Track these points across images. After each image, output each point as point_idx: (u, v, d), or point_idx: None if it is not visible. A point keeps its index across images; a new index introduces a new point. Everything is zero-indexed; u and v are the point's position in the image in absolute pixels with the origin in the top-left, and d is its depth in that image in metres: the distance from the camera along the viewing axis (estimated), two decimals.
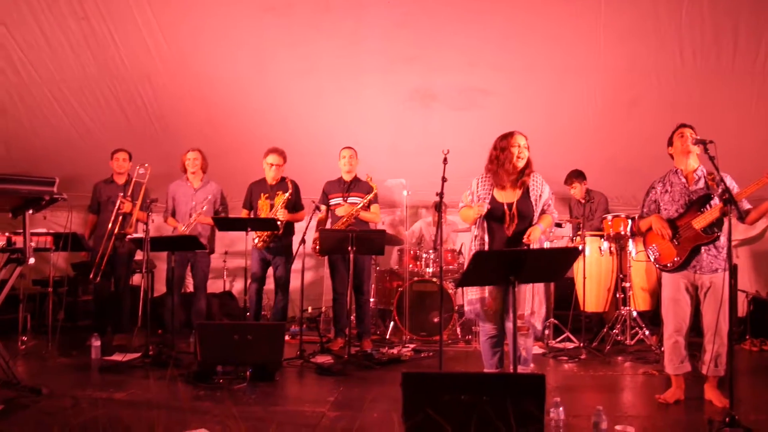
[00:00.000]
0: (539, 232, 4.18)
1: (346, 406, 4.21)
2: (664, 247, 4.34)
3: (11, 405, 3.97)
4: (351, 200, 6.28)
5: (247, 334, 4.91)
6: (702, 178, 4.28)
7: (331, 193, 6.40)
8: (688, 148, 4.24)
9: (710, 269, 4.17)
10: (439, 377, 3.39)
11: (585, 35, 6.10)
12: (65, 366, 5.50)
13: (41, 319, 6.86)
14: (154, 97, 7.04)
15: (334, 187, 6.41)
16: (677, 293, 4.29)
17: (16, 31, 6.35)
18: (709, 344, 4.15)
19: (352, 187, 6.34)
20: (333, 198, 6.37)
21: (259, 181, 6.46)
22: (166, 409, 4.01)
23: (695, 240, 4.17)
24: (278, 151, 6.32)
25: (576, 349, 6.05)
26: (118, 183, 6.54)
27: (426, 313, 6.74)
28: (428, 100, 6.90)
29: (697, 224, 4.16)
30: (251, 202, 6.43)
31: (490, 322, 4.24)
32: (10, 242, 4.38)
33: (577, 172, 6.83)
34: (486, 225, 4.26)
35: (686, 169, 4.34)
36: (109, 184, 6.57)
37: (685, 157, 4.31)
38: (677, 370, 4.32)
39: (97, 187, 6.60)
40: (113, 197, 6.40)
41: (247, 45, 6.48)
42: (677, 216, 4.31)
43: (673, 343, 4.30)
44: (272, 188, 6.35)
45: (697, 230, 4.16)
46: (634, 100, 6.68)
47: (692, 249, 4.18)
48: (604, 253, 6.46)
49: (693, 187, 4.29)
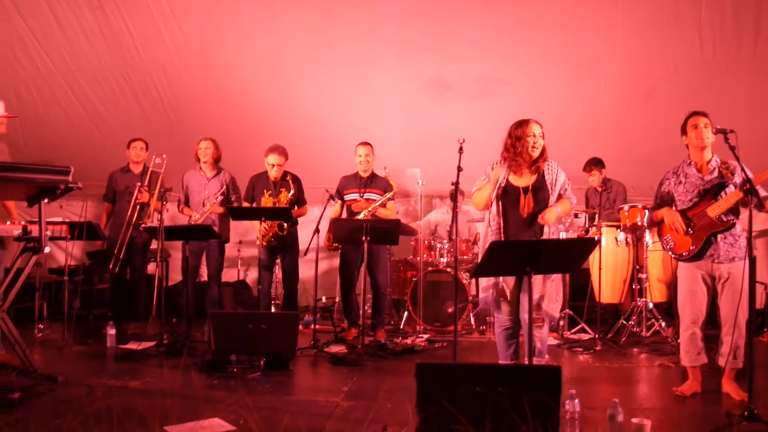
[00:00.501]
0: (554, 214, 4.12)
1: (360, 396, 4.21)
2: (679, 237, 4.26)
3: (28, 393, 4.00)
4: (367, 196, 6.23)
5: (261, 324, 4.92)
6: (716, 168, 4.20)
7: (347, 188, 6.33)
8: (703, 142, 4.15)
9: (728, 258, 4.10)
10: (454, 368, 3.37)
11: (602, 24, 6.04)
12: (81, 354, 5.55)
13: (57, 307, 6.92)
14: (169, 87, 7.05)
15: (351, 182, 6.34)
16: (694, 284, 4.23)
17: (32, 21, 6.38)
18: (726, 336, 4.10)
19: (369, 183, 6.28)
20: (349, 194, 6.31)
21: (260, 175, 6.38)
22: (180, 397, 4.02)
23: (710, 228, 4.10)
24: (279, 150, 6.21)
25: (591, 341, 6.01)
26: (134, 172, 6.54)
27: (440, 303, 6.72)
28: (443, 89, 6.85)
29: (711, 212, 4.10)
30: (253, 196, 6.38)
31: (504, 312, 4.21)
32: (26, 231, 4.39)
33: (596, 160, 6.74)
34: (500, 208, 4.20)
35: (700, 160, 4.25)
36: (125, 174, 6.57)
37: (699, 149, 4.22)
38: (694, 362, 4.27)
39: (113, 177, 6.60)
40: (130, 187, 6.40)
41: (261, 34, 6.46)
42: (691, 206, 4.24)
43: (690, 335, 4.25)
44: (275, 185, 6.29)
45: (712, 218, 4.09)
46: (650, 91, 6.60)
47: (707, 237, 4.11)
48: (621, 243, 6.39)
49: (707, 177, 4.21)
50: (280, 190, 6.26)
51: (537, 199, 4.17)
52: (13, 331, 4.37)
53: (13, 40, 6.55)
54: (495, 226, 4.18)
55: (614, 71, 6.46)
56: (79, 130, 7.47)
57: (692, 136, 4.20)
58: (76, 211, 7.31)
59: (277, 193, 6.25)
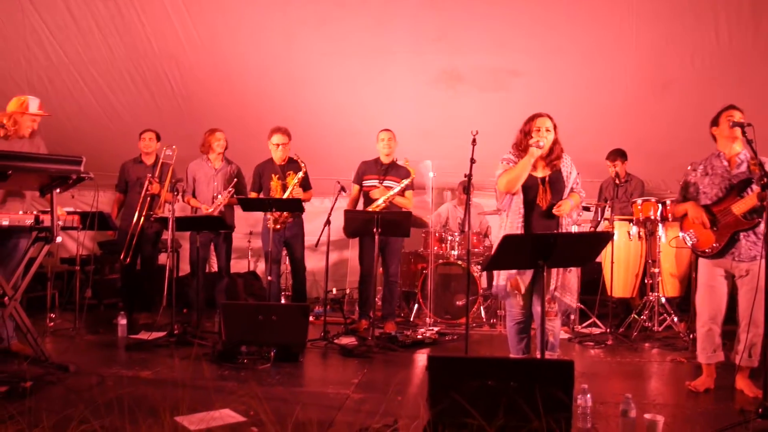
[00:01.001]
0: (569, 206, 4.11)
1: (370, 389, 4.20)
2: (702, 233, 4.20)
3: (40, 381, 4.01)
4: (387, 183, 6.20)
5: (271, 315, 4.92)
6: (744, 162, 4.11)
7: (367, 173, 6.30)
8: (735, 133, 4.06)
9: (749, 256, 4.04)
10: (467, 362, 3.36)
11: (617, 15, 5.96)
12: (92, 343, 5.57)
13: (68, 296, 6.95)
14: (181, 78, 7.05)
15: (371, 168, 6.31)
16: (713, 280, 4.19)
17: (45, 13, 6.39)
18: (743, 333, 4.06)
19: (390, 170, 6.26)
20: (368, 179, 6.28)
21: (265, 162, 6.35)
22: (191, 388, 4.03)
23: (735, 226, 4.04)
24: (282, 130, 6.21)
25: (602, 335, 5.98)
26: (146, 163, 6.53)
27: (450, 296, 6.71)
28: (455, 81, 6.81)
29: (736, 209, 4.02)
30: (261, 184, 6.35)
31: (516, 305, 4.18)
32: (38, 221, 4.41)
33: (621, 151, 6.65)
34: (522, 198, 4.17)
35: (729, 153, 4.17)
36: (137, 164, 6.56)
37: (730, 141, 4.15)
38: (710, 360, 4.23)
39: (125, 167, 6.60)
40: (141, 178, 6.40)
41: (274, 24, 6.43)
42: (716, 201, 4.16)
43: (707, 331, 4.21)
44: (282, 168, 6.28)
45: (737, 215, 4.02)
46: (666, 83, 6.52)
47: (731, 235, 4.05)
48: (633, 237, 6.35)
49: (735, 171, 4.13)
50: (288, 173, 6.23)
51: (554, 189, 4.14)
52: (25, 320, 4.40)
53: (27, 32, 6.56)
54: (517, 217, 4.13)
55: (629, 63, 6.38)
56: (91, 121, 7.49)
57: (724, 127, 4.11)
58: (88, 201, 7.34)
59: (284, 176, 6.22)
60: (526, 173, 4.06)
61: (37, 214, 4.42)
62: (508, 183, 4.10)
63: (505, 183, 4.12)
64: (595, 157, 6.76)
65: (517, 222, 4.10)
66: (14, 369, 4.26)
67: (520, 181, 4.08)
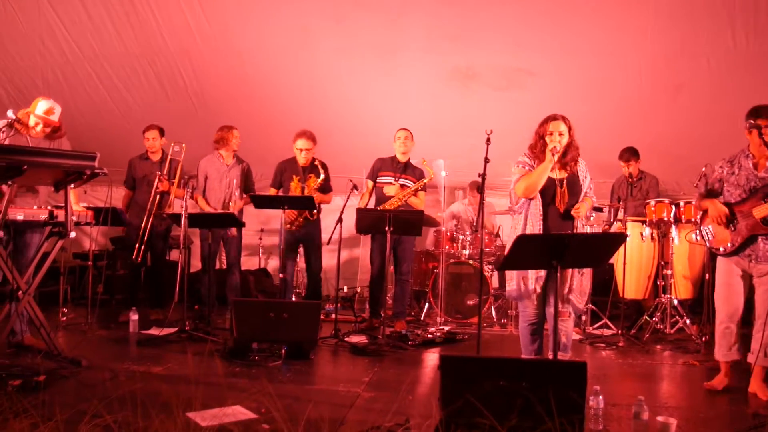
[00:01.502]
0: (585, 208, 4.12)
1: (381, 387, 4.20)
2: (720, 230, 4.22)
3: (52, 375, 4.03)
4: (402, 182, 6.21)
5: (282, 312, 4.92)
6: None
7: (383, 170, 6.30)
8: None
9: (767, 258, 4.03)
10: (479, 362, 3.35)
11: (633, 16, 5.94)
12: (103, 338, 5.60)
13: (81, 291, 6.99)
14: (194, 75, 7.07)
15: (387, 165, 6.32)
16: (731, 278, 4.20)
17: (60, 8, 6.43)
18: (758, 333, 4.04)
19: (407, 169, 6.27)
20: (384, 176, 6.28)
21: (289, 160, 6.35)
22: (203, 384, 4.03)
23: (753, 229, 4.04)
24: (307, 135, 6.19)
25: (614, 337, 5.95)
26: (153, 160, 6.50)
27: (461, 295, 6.70)
28: (469, 79, 6.79)
29: (757, 213, 4.01)
30: (281, 182, 6.36)
31: (530, 306, 4.16)
32: (53, 216, 4.43)
33: (633, 150, 6.57)
34: (541, 201, 4.15)
35: (759, 155, 4.12)
36: (144, 161, 6.53)
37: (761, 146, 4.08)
38: (726, 357, 4.23)
39: (132, 163, 6.59)
40: (149, 175, 6.39)
41: (288, 21, 6.44)
42: (738, 201, 4.15)
43: (724, 329, 4.22)
44: (304, 171, 6.27)
45: (757, 220, 4.02)
46: (681, 85, 6.48)
47: (748, 237, 4.06)
48: (646, 239, 6.31)
49: (762, 173, 4.08)
50: (309, 176, 6.24)
51: (572, 192, 4.14)
52: (38, 314, 4.43)
53: (42, 27, 6.60)
54: (536, 219, 4.12)
55: (644, 64, 6.35)
56: (105, 117, 7.52)
57: (754, 143, 4.08)
58: (101, 197, 7.36)
59: (305, 178, 6.24)
60: (543, 179, 4.06)
61: (51, 209, 4.44)
62: (527, 189, 4.09)
63: (523, 188, 4.11)
64: (609, 158, 6.73)
65: (537, 224, 4.09)
66: (27, 363, 4.29)
67: (539, 186, 4.07)
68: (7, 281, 4.39)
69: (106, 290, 7.22)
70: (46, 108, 4.77)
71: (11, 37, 6.74)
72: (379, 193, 6.28)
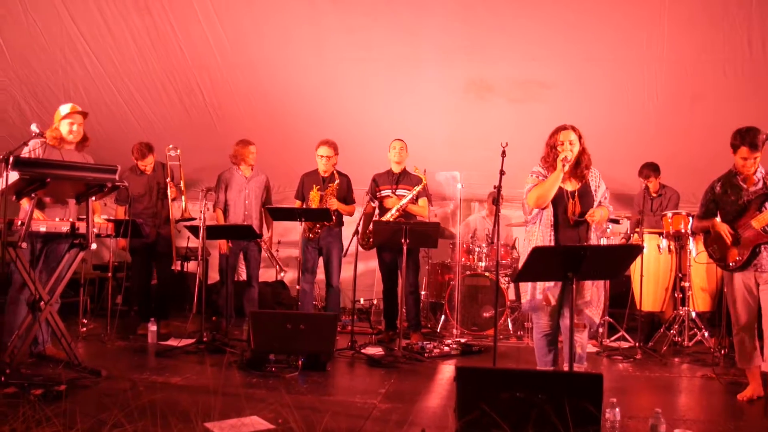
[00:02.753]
0: (600, 214, 4.12)
1: (397, 398, 4.21)
2: (725, 248, 4.37)
3: (73, 385, 4.09)
4: (400, 192, 6.26)
5: (299, 324, 4.96)
6: (761, 180, 4.29)
7: (381, 184, 6.39)
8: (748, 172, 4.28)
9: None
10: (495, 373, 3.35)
11: (648, 26, 5.94)
12: (122, 349, 5.66)
13: (100, 303, 7.07)
14: (212, 89, 7.16)
15: (383, 179, 6.40)
16: (743, 292, 4.31)
17: (82, 25, 6.55)
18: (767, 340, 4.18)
19: (402, 179, 6.31)
20: (382, 190, 6.36)
21: (311, 172, 6.45)
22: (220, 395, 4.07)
23: (756, 239, 4.20)
24: (329, 143, 6.29)
25: (631, 349, 5.91)
26: (148, 173, 6.34)
27: (477, 308, 6.69)
28: (485, 91, 6.82)
29: (756, 223, 4.19)
30: (303, 193, 6.43)
31: (544, 317, 4.17)
32: (74, 228, 4.51)
33: (653, 166, 6.57)
34: (552, 211, 4.17)
35: (744, 171, 4.31)
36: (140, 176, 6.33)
37: None
38: (746, 365, 4.33)
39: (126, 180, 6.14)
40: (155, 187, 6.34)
41: (304, 35, 6.52)
42: (736, 216, 4.34)
43: (740, 339, 4.33)
44: (324, 180, 6.34)
45: (757, 229, 4.18)
46: (698, 94, 6.46)
47: (753, 248, 4.21)
48: (663, 251, 6.28)
49: (752, 188, 4.30)
50: (329, 185, 6.30)
51: (583, 202, 4.15)
52: (60, 325, 4.49)
53: (65, 43, 6.73)
54: (547, 230, 4.14)
55: (660, 74, 6.34)
56: (126, 130, 7.62)
57: (739, 164, 4.30)
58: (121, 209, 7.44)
59: (325, 187, 6.29)
60: (555, 189, 4.08)
61: (73, 222, 4.52)
62: (538, 198, 4.12)
63: (534, 199, 4.14)
64: (626, 170, 6.72)
65: (548, 235, 4.10)
66: (49, 373, 4.35)
67: (550, 196, 4.09)
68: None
69: (124, 301, 7.30)
70: (69, 108, 4.92)
71: (34, 52, 6.87)
72: (381, 206, 6.35)
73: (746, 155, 4.21)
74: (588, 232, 4.13)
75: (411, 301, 6.35)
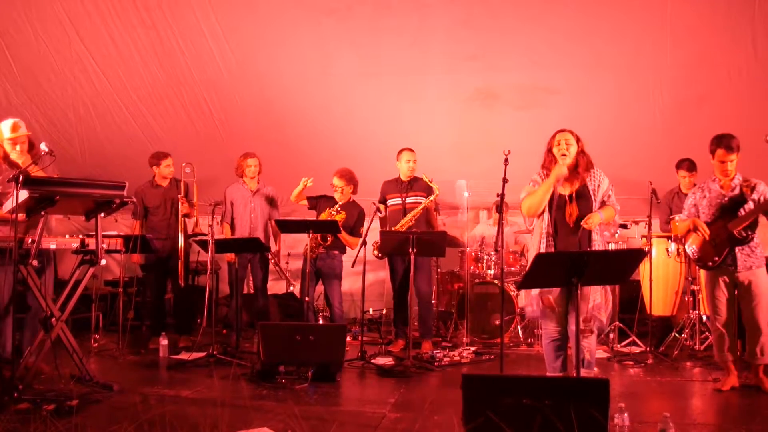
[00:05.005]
0: (598, 219, 4.09)
1: (406, 408, 4.22)
2: (704, 247, 4.71)
3: (85, 400, 4.13)
4: (410, 200, 6.28)
5: (309, 335, 4.97)
6: (738, 186, 4.63)
7: (389, 193, 6.40)
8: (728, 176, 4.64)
9: (745, 267, 4.57)
10: (500, 380, 3.36)
11: (651, 30, 5.94)
12: (134, 364, 5.70)
13: (112, 318, 7.12)
14: (219, 103, 7.21)
15: (392, 187, 6.42)
16: (718, 289, 4.70)
17: (90, 43, 6.63)
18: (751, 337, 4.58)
19: (411, 186, 6.33)
20: (391, 198, 6.38)
21: (329, 196, 6.46)
22: (231, 407, 4.09)
23: (730, 241, 4.57)
24: (339, 172, 6.28)
25: (642, 354, 5.88)
26: (164, 186, 6.54)
27: (487, 315, 6.68)
28: (490, 99, 6.83)
29: (732, 227, 4.55)
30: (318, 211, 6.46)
31: (551, 323, 4.17)
32: (84, 244, 4.56)
33: (692, 162, 6.40)
34: (549, 217, 4.18)
35: (722, 176, 4.68)
36: (155, 189, 6.53)
37: None
38: (722, 358, 4.70)
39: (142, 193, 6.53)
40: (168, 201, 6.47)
41: (309, 48, 6.56)
42: (713, 220, 4.68)
43: (719, 335, 4.71)
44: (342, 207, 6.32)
45: (733, 232, 4.54)
46: (703, 98, 6.45)
47: (729, 249, 4.59)
48: (672, 254, 6.26)
49: (729, 194, 4.66)
50: (341, 211, 6.29)
51: (582, 205, 4.14)
52: (71, 340, 4.53)
53: (73, 61, 6.81)
54: (545, 235, 4.15)
55: (664, 78, 6.33)
56: (134, 146, 7.68)
57: (718, 168, 4.67)
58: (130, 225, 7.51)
59: (337, 212, 6.29)
60: (546, 196, 4.12)
61: (83, 238, 4.57)
62: (529, 208, 4.19)
63: (526, 208, 4.22)
64: (632, 174, 6.70)
65: (547, 241, 4.12)
66: (61, 388, 4.38)
67: (542, 205, 4.14)
68: None
69: (136, 316, 7.35)
70: (10, 125, 4.82)
71: (44, 72, 6.96)
72: (390, 216, 6.35)
73: (723, 157, 4.57)
74: (590, 237, 4.12)
75: (424, 309, 6.36)
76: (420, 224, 6.19)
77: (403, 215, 6.22)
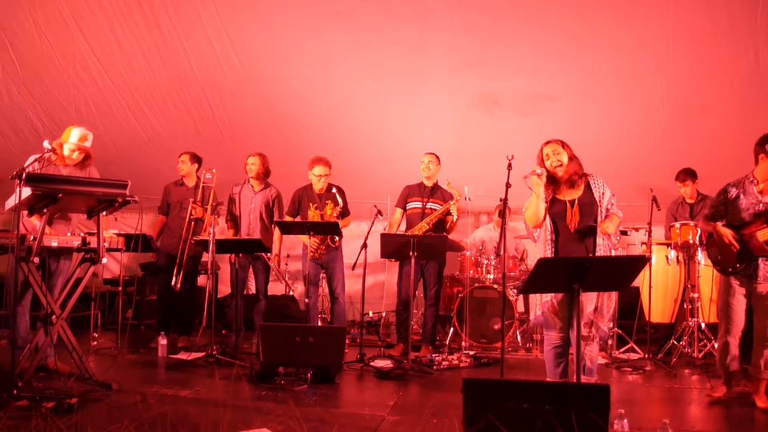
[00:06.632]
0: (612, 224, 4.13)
1: (405, 411, 4.22)
2: (726, 252, 4.43)
3: (84, 398, 4.12)
4: (430, 206, 6.31)
5: (308, 337, 4.98)
6: None
7: (411, 196, 6.44)
8: None
9: (766, 278, 4.32)
10: (502, 384, 3.36)
11: (654, 38, 5.96)
12: (133, 362, 5.70)
13: (111, 316, 7.12)
14: (221, 103, 7.22)
15: (414, 191, 6.45)
16: (732, 297, 4.45)
17: (93, 41, 6.61)
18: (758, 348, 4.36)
19: (435, 193, 6.38)
20: (412, 201, 6.41)
21: (305, 188, 6.47)
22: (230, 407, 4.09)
23: (757, 251, 4.28)
24: (323, 161, 6.31)
25: (641, 361, 5.89)
26: (188, 186, 6.67)
27: (486, 320, 6.69)
28: (492, 105, 6.85)
29: (761, 236, 4.24)
30: (298, 210, 6.47)
31: (554, 329, 4.17)
32: (85, 242, 4.56)
33: (691, 171, 6.49)
34: (551, 224, 4.19)
35: (762, 180, 4.34)
36: (179, 187, 6.69)
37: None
38: (724, 368, 4.54)
39: (167, 189, 6.74)
40: (183, 201, 6.54)
41: (312, 50, 6.57)
42: (743, 224, 4.37)
43: (724, 344, 4.51)
44: (320, 198, 6.37)
45: (761, 242, 4.24)
46: (704, 106, 6.46)
47: (753, 258, 4.31)
48: (671, 262, 6.27)
49: (765, 198, 4.33)
50: (326, 203, 6.32)
51: (584, 212, 4.14)
52: (71, 338, 4.53)
53: (76, 59, 6.80)
54: (548, 243, 4.16)
55: (666, 87, 6.35)
56: (136, 145, 7.69)
57: (763, 170, 4.33)
58: (131, 224, 7.52)
59: (322, 206, 6.32)
60: (539, 207, 4.14)
61: (84, 236, 4.57)
62: (530, 219, 4.23)
63: (527, 219, 4.27)
64: (634, 181, 6.73)
65: (548, 248, 4.13)
66: (60, 386, 4.39)
67: (538, 215, 4.16)
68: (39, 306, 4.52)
69: (135, 315, 7.35)
70: (79, 135, 4.96)
71: (47, 70, 6.95)
72: (408, 220, 6.36)
73: None
74: (594, 242, 4.13)
75: (430, 314, 6.38)
76: (437, 230, 6.24)
77: (421, 219, 6.25)
